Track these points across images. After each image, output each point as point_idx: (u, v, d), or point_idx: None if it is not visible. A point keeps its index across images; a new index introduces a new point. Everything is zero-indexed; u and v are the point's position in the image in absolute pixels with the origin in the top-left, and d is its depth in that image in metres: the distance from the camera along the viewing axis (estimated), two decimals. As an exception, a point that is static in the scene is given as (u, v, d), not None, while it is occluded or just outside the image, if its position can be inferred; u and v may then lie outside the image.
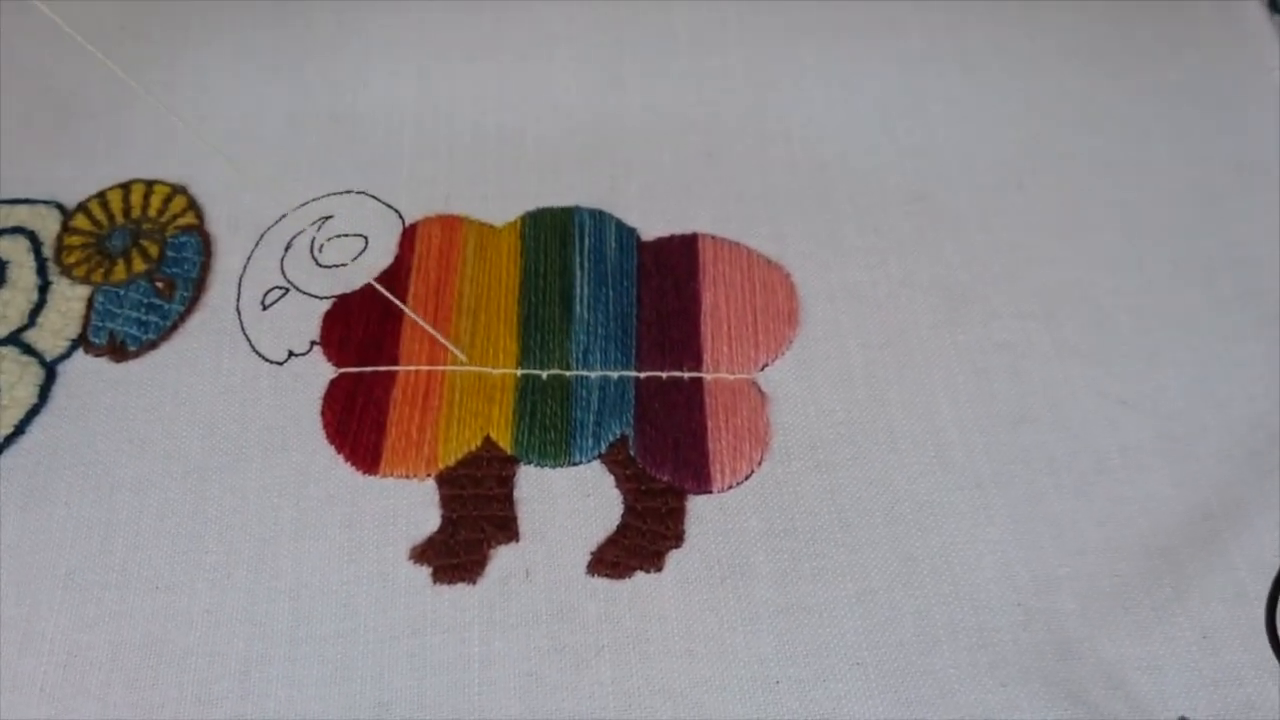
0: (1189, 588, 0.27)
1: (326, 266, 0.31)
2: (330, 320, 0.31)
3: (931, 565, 0.27)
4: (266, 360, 0.30)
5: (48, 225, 0.32)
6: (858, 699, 0.25)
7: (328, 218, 0.32)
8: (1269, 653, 0.24)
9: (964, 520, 0.28)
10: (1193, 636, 0.26)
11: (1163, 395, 0.30)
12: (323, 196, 0.33)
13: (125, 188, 0.32)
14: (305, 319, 0.31)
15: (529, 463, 0.29)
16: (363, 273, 0.30)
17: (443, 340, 0.30)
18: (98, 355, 0.30)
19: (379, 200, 0.33)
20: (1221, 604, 0.27)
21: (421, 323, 0.29)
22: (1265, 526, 0.28)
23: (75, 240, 0.31)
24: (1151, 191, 0.34)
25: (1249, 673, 0.26)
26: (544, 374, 0.30)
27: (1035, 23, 0.37)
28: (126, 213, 0.32)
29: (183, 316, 0.31)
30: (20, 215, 0.32)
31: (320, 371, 0.30)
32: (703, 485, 0.28)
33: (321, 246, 0.32)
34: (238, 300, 0.31)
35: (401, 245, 0.32)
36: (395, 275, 0.31)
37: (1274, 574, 0.25)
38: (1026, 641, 0.26)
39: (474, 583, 0.27)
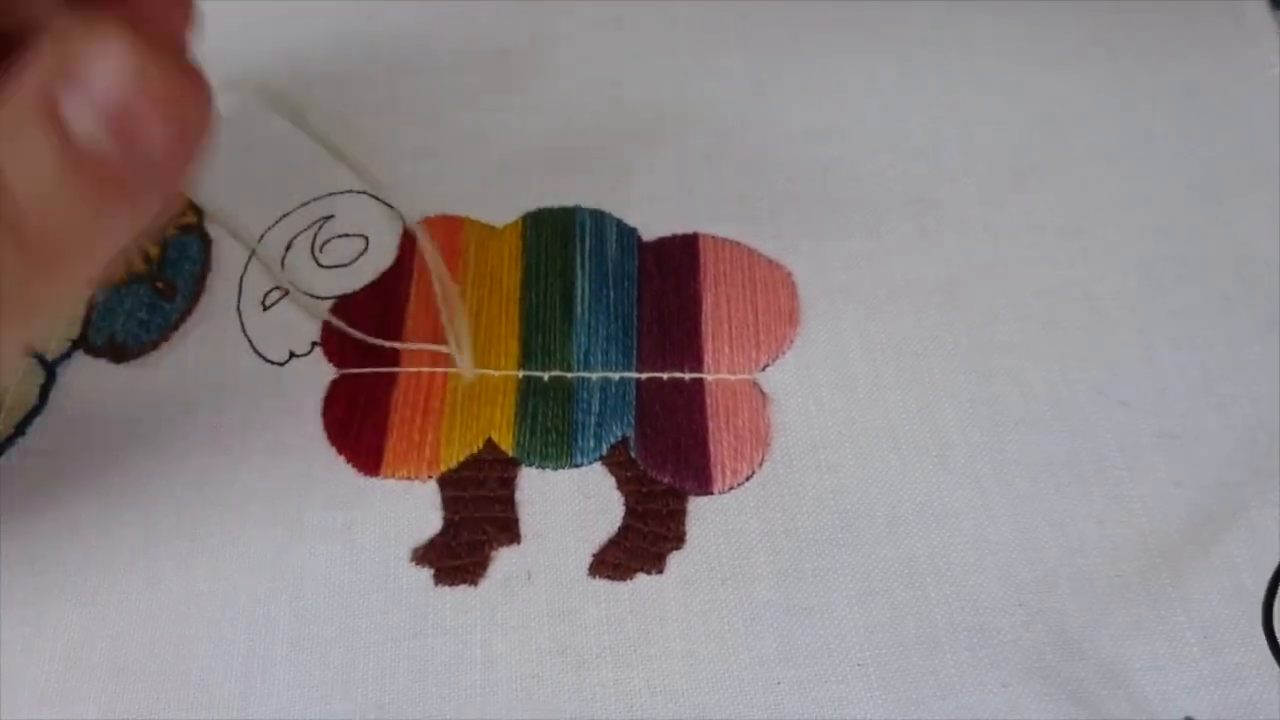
0: (1190, 587, 0.27)
1: (327, 267, 0.31)
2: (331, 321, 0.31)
3: (933, 565, 0.27)
4: (267, 361, 0.30)
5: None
6: (859, 699, 0.25)
7: (328, 218, 0.32)
8: (1269, 652, 0.24)
9: (965, 520, 0.28)
10: (1194, 636, 0.26)
11: (1164, 395, 0.30)
12: (323, 196, 0.32)
13: None
14: (306, 320, 0.31)
15: (530, 464, 0.29)
16: (364, 273, 0.30)
17: (455, 353, 0.30)
18: (98, 356, 0.30)
19: (380, 200, 0.33)
20: (1223, 603, 0.27)
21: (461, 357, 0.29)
22: (1266, 527, 0.28)
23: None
24: (1153, 192, 0.34)
25: (1250, 672, 0.26)
26: (545, 376, 0.30)
27: (1037, 23, 0.37)
28: None
29: (183, 317, 0.31)
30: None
31: (321, 373, 0.30)
32: (704, 486, 0.28)
33: (323, 247, 0.32)
34: (238, 301, 0.31)
35: (402, 246, 0.32)
36: (396, 276, 0.31)
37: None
38: (1028, 641, 0.26)
39: (476, 584, 0.27)
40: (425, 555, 0.27)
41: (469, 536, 0.28)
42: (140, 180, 0.18)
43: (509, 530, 0.28)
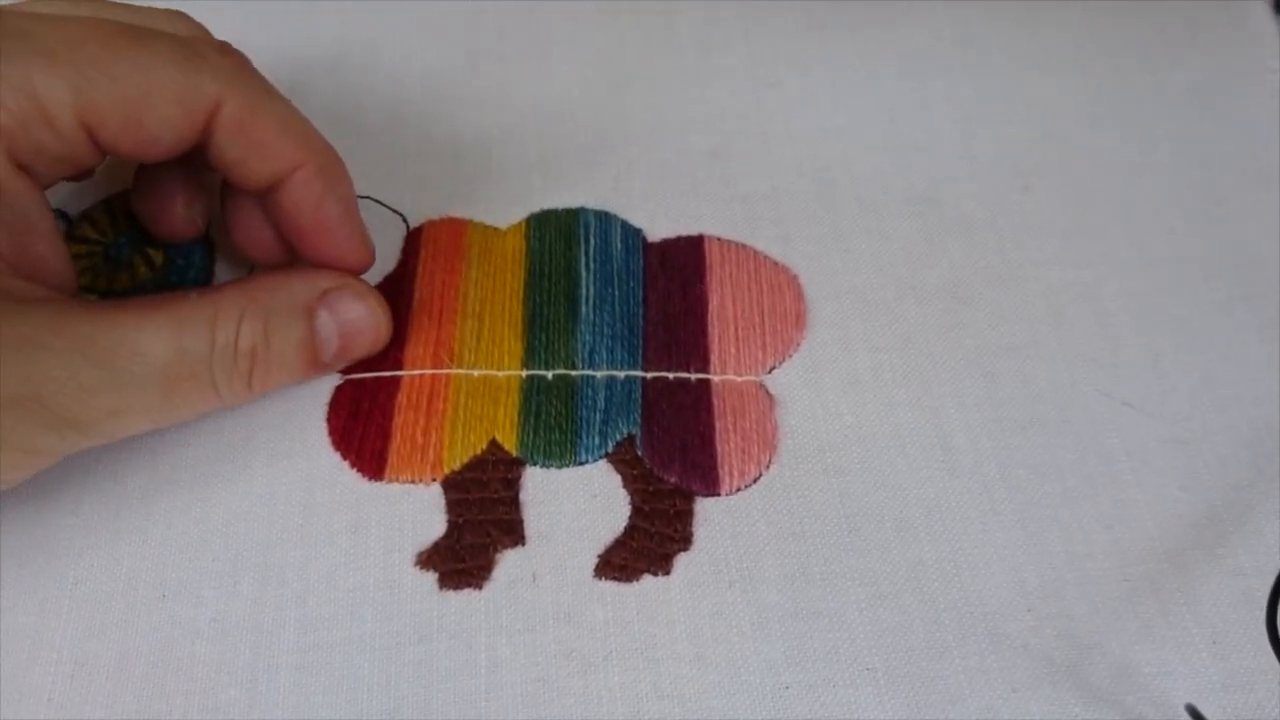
0: (1197, 592, 0.27)
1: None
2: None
3: (940, 570, 0.27)
4: (271, 366, 0.30)
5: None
6: (868, 704, 0.25)
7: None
8: (1276, 657, 0.24)
9: (972, 524, 0.28)
10: (1202, 641, 0.26)
11: (1168, 398, 0.30)
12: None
13: (130, 195, 0.32)
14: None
15: (534, 464, 0.29)
16: (367, 277, 0.30)
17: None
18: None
19: (383, 204, 0.32)
20: (1230, 608, 0.27)
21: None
22: (1272, 530, 0.28)
23: (80, 249, 0.31)
24: (1157, 193, 0.34)
25: (1258, 677, 0.26)
26: (549, 374, 0.30)
27: (1040, 23, 0.37)
28: (131, 220, 0.31)
29: (187, 323, 0.30)
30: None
31: (325, 378, 0.30)
32: (710, 487, 0.28)
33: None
34: (243, 306, 0.31)
35: (406, 249, 0.32)
36: (400, 279, 0.31)
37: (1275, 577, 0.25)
38: (1036, 646, 0.26)
39: (480, 588, 0.27)
40: (429, 559, 0.27)
41: (473, 539, 0.27)
42: (333, 369, 0.29)
43: (513, 532, 0.28)
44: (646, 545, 0.27)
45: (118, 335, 0.24)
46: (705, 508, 0.28)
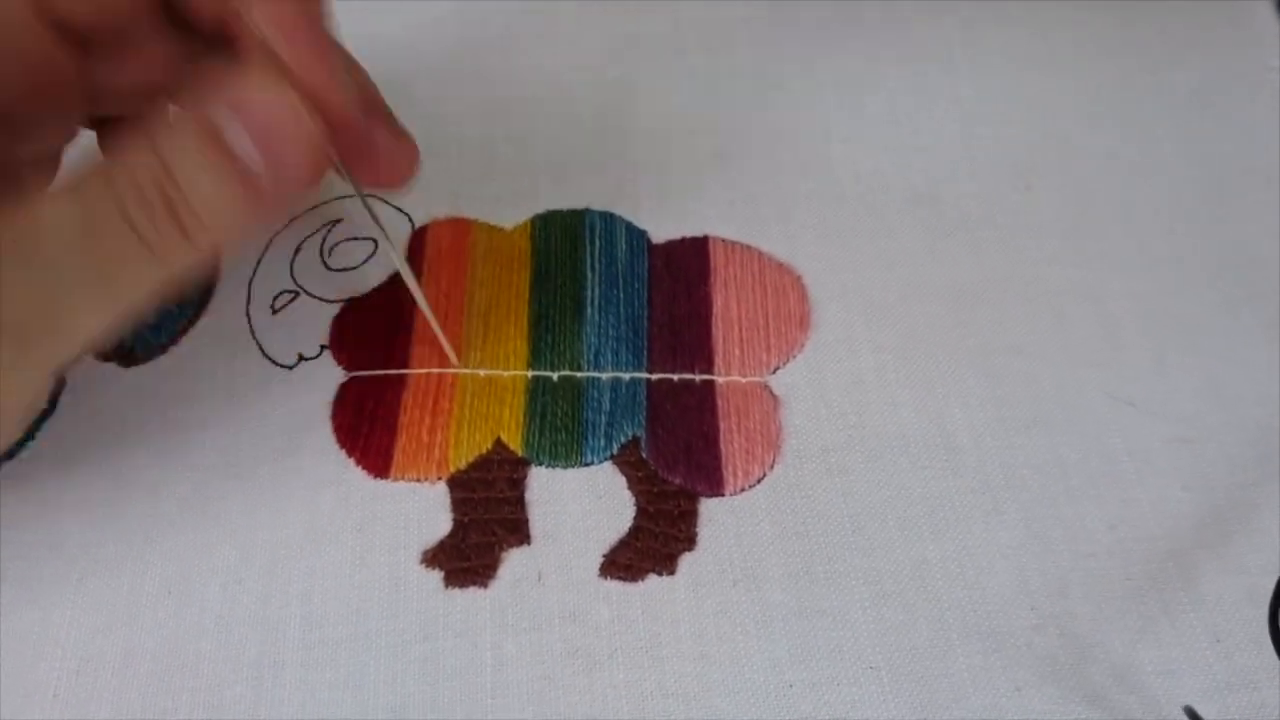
0: (1201, 590, 0.27)
1: (336, 270, 0.31)
2: (340, 324, 0.31)
3: (944, 569, 0.27)
4: (276, 364, 0.30)
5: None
6: (871, 703, 0.26)
7: (337, 221, 0.32)
8: (1278, 655, 0.24)
9: (976, 524, 0.28)
10: (1205, 640, 0.26)
11: (1172, 397, 0.30)
12: (331, 199, 0.32)
13: None
14: (315, 323, 0.31)
15: (540, 464, 0.29)
16: (373, 276, 0.30)
17: (445, 343, 0.29)
18: (106, 360, 0.30)
19: (388, 203, 0.32)
20: (1234, 607, 0.27)
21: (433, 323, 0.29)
22: (1276, 529, 0.28)
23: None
24: (1159, 192, 0.34)
25: (1261, 676, 0.26)
26: (555, 375, 0.30)
27: (1040, 23, 0.37)
28: None
29: (191, 321, 0.31)
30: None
31: (330, 375, 0.30)
32: (715, 488, 0.28)
33: (331, 250, 0.32)
34: (247, 304, 0.31)
35: (411, 248, 0.32)
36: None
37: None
38: (1040, 645, 0.26)
39: (486, 586, 0.27)
40: (435, 557, 0.27)
41: (478, 538, 0.28)
42: (278, 194, 0.23)
43: (519, 531, 0.28)
44: (651, 545, 0.28)
45: (19, 214, 0.21)
46: (710, 508, 0.28)
